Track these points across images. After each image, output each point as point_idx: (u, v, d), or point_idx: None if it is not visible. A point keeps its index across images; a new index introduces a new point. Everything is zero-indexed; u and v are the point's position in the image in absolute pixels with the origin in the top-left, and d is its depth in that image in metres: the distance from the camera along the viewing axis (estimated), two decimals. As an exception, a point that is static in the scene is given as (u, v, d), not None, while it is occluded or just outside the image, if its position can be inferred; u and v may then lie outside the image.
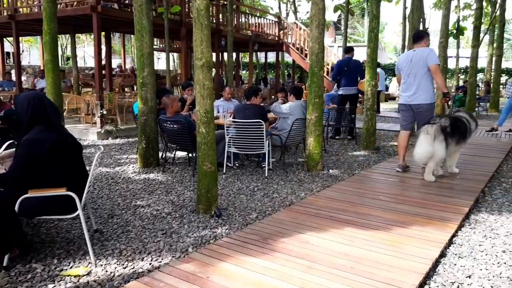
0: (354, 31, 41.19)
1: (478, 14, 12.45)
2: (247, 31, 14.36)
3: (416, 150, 4.88)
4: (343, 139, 8.47)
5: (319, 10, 5.29)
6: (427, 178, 4.94)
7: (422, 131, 4.84)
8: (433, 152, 4.74)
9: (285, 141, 5.76)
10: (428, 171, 4.96)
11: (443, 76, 9.97)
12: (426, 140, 4.75)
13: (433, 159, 4.83)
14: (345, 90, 8.23)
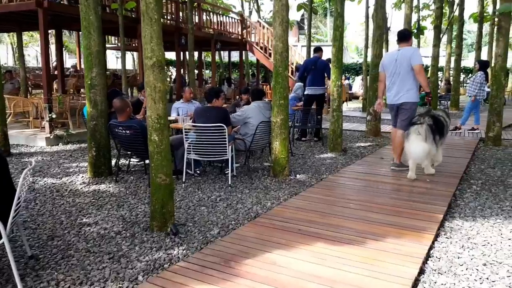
0: (317, 30, 41.48)
1: (438, 13, 12.60)
2: (209, 29, 13.91)
3: (413, 150, 4.88)
4: (310, 140, 8.22)
5: (282, 7, 4.97)
6: (411, 177, 5.04)
7: (413, 132, 4.90)
8: (429, 148, 4.88)
9: (250, 145, 5.41)
10: (427, 168, 5.18)
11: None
12: (419, 140, 4.83)
13: (428, 156, 5.01)
14: (312, 90, 7.98)
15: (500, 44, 7.30)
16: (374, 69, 8.48)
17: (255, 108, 5.58)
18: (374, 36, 8.47)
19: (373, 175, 5.29)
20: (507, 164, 6.04)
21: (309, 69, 7.94)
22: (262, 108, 5.62)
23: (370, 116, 8.61)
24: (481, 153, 6.90)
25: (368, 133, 8.70)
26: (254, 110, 5.54)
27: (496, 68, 7.41)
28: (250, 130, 5.42)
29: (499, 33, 7.30)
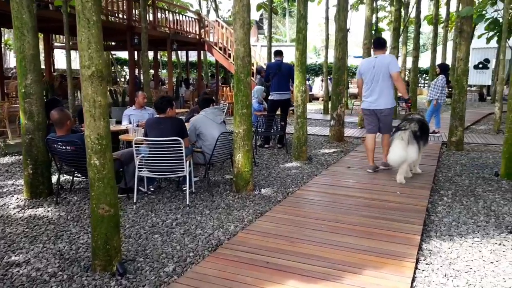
0: (276, 30, 41.39)
1: (397, 15, 12.63)
2: (164, 28, 13.24)
3: (390, 155, 5.08)
4: (273, 147, 7.86)
5: (243, 7, 4.54)
6: (399, 179, 5.13)
7: (397, 137, 5.09)
8: (407, 156, 5.03)
9: (210, 158, 4.95)
10: (400, 172, 5.16)
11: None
12: (400, 145, 5.00)
13: (406, 162, 5.13)
14: (278, 95, 7.59)
15: (462, 48, 7.25)
16: (337, 73, 8.25)
17: (202, 118, 5.14)
18: (337, 38, 8.23)
19: (341, 187, 4.98)
20: (473, 171, 5.95)
21: (274, 73, 7.54)
22: (210, 115, 5.17)
23: (334, 121, 8.37)
24: (445, 159, 6.81)
25: (332, 138, 8.46)
26: (202, 121, 5.10)
27: (458, 72, 7.36)
28: (206, 142, 4.97)
29: (461, 36, 7.25)
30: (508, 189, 5.00)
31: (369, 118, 5.62)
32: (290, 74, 7.57)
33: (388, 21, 22.56)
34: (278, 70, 7.51)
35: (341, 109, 8.32)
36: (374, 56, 5.49)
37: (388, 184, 5.12)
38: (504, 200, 4.60)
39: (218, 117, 5.22)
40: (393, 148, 5.06)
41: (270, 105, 7.74)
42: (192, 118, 5.24)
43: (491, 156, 7.02)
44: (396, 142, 5.06)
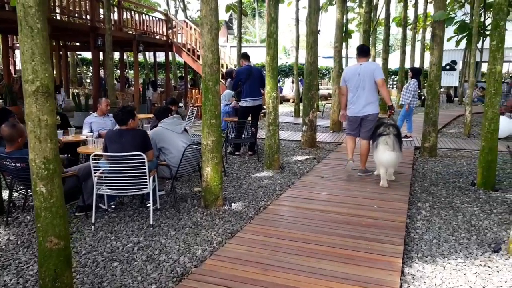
0: (245, 30, 41.14)
1: (367, 18, 12.60)
2: (130, 29, 12.70)
3: (386, 159, 5.21)
4: (244, 154, 7.57)
5: (211, 11, 4.23)
6: (384, 185, 5.27)
7: (381, 142, 5.24)
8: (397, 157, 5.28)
9: (176, 172, 4.60)
10: (384, 178, 5.31)
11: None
12: (388, 149, 5.18)
13: (391, 166, 5.39)
14: (250, 102, 7.30)
15: (435, 53, 7.20)
16: (308, 77, 8.05)
17: (162, 130, 4.76)
18: (308, 42, 8.02)
19: (315, 201, 4.74)
20: (449, 179, 5.86)
21: (244, 79, 7.25)
22: (170, 125, 4.79)
23: (306, 127, 8.17)
24: (420, 166, 6.72)
25: (304, 144, 8.26)
26: (162, 133, 4.73)
27: (431, 77, 7.30)
28: (170, 155, 4.63)
29: (434, 41, 7.19)
30: (486, 200, 4.91)
31: (353, 124, 5.72)
32: (261, 79, 7.33)
33: (357, 22, 22.80)
34: (249, 75, 7.23)
35: (313, 114, 8.13)
36: (359, 64, 5.55)
37: (364, 196, 4.93)
38: (483, 212, 4.49)
39: (178, 127, 4.84)
40: (384, 152, 5.19)
41: (242, 112, 7.45)
42: (151, 131, 4.85)
43: (465, 162, 6.99)
44: (382, 147, 5.22)
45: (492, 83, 5.17)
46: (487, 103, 5.25)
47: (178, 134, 4.75)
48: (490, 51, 5.17)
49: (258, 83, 7.34)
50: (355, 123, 5.68)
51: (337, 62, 10.40)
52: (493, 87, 5.17)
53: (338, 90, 10.68)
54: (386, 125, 5.40)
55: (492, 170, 5.33)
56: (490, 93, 5.20)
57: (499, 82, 5.16)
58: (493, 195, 5.12)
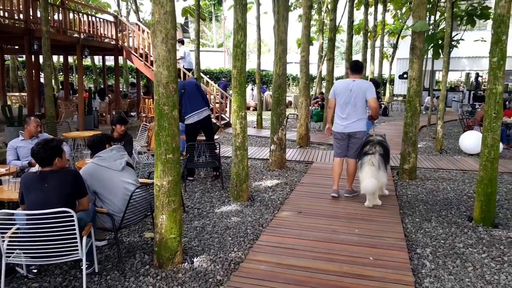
0: (202, 34, 39.94)
1: (332, 26, 11.99)
2: (74, 32, 11.29)
3: (364, 185, 4.98)
4: (206, 179, 6.58)
5: (166, 15, 3.24)
6: (369, 205, 5.14)
7: (367, 163, 5.01)
8: (380, 182, 5.04)
9: (120, 222, 3.55)
10: (372, 198, 5.15)
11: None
12: (372, 172, 4.95)
13: (378, 188, 5.16)
14: (196, 116, 6.30)
15: (415, 66, 6.57)
16: (277, 91, 7.20)
17: (95, 169, 3.65)
18: (276, 52, 7.17)
19: (298, 252, 3.83)
20: (440, 212, 5.17)
21: (180, 96, 6.21)
22: (106, 161, 3.68)
23: (275, 146, 7.30)
24: (403, 193, 6.03)
25: (272, 165, 7.38)
26: (96, 173, 3.62)
27: (411, 93, 6.66)
28: (107, 201, 3.58)
29: (413, 53, 6.56)
30: (490, 242, 4.24)
31: (340, 142, 5.46)
32: (198, 88, 6.47)
33: (316, 29, 22.43)
34: (183, 90, 6.23)
35: (282, 132, 7.28)
36: (352, 80, 5.33)
37: (354, 241, 4.10)
38: (494, 261, 3.79)
39: (117, 162, 3.73)
40: (366, 176, 4.96)
41: (189, 131, 6.43)
42: (82, 169, 3.72)
43: (449, 187, 6.39)
44: (367, 168, 4.99)
45: (493, 105, 4.53)
46: (487, 128, 4.61)
47: (118, 172, 3.66)
48: (490, 69, 4.53)
49: (197, 93, 6.37)
50: (342, 141, 5.43)
51: (304, 73, 9.64)
52: (493, 110, 4.53)
53: (305, 103, 9.98)
54: (373, 143, 5.21)
55: (492, 204, 4.69)
56: (490, 117, 4.56)
57: (500, 104, 4.53)
58: (495, 233, 4.47)
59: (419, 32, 6.44)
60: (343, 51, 47.64)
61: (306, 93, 9.89)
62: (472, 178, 6.97)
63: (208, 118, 6.45)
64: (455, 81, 33.50)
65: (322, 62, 20.36)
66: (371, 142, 5.21)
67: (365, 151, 5.14)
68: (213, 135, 6.64)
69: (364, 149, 5.18)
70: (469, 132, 9.44)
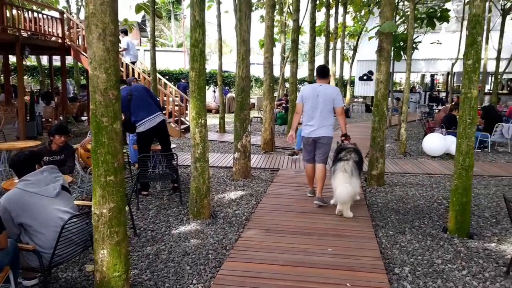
0: (160, 34, 38.83)
1: (295, 26, 11.66)
2: (12, 29, 10.26)
3: (338, 194, 4.77)
4: (163, 192, 5.98)
5: (103, 6, 2.66)
6: (347, 214, 4.90)
7: (340, 169, 4.86)
8: (354, 189, 4.81)
9: (50, 260, 2.92)
10: (346, 208, 4.90)
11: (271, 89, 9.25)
12: (345, 179, 4.77)
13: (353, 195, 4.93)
14: (148, 122, 5.64)
15: (382, 69, 6.28)
16: (240, 95, 6.71)
17: (20, 195, 2.98)
18: (239, 53, 6.69)
19: (266, 282, 3.37)
20: (413, 223, 4.87)
21: (126, 103, 5.56)
22: (36, 186, 3.03)
23: (239, 153, 6.81)
24: (373, 201, 5.71)
25: (236, 174, 6.88)
26: (22, 200, 2.95)
27: (378, 97, 6.38)
28: (38, 235, 2.95)
29: (381, 55, 6.28)
30: (469, 256, 3.95)
31: (309, 147, 5.42)
32: (147, 92, 5.85)
33: (278, 30, 22.17)
34: (130, 96, 5.62)
35: (246, 138, 6.80)
36: (319, 84, 5.33)
37: (328, 263, 3.68)
38: (476, 279, 3.50)
39: (50, 187, 3.10)
40: (340, 184, 4.77)
41: (141, 139, 5.76)
42: (3, 197, 3.04)
43: (417, 193, 6.15)
44: (340, 175, 4.82)
45: (468, 110, 4.26)
46: (461, 134, 4.33)
47: (51, 199, 3.02)
48: (465, 72, 4.26)
49: (147, 97, 5.73)
50: (309, 145, 5.39)
51: (268, 75, 9.21)
52: (468, 115, 4.26)
53: (269, 106, 9.56)
54: (347, 150, 5.07)
55: (467, 214, 4.43)
56: (465, 123, 4.29)
57: (475, 109, 4.27)
58: (472, 245, 4.21)
59: (386, 33, 6.16)
60: (304, 52, 48.01)
61: (271, 96, 9.48)
62: (439, 182, 6.80)
63: (162, 124, 5.82)
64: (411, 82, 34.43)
65: (285, 64, 20.15)
66: (347, 149, 5.08)
67: (339, 157, 5.01)
68: (169, 143, 6.03)
69: (339, 155, 5.06)
70: (431, 134, 9.37)
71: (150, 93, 5.91)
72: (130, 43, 11.83)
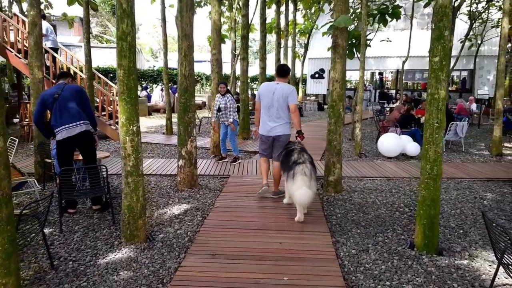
0: (105, 30, 36.76)
1: (244, 22, 11.04)
2: None
3: (299, 197, 4.61)
4: (87, 214, 5.15)
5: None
6: (300, 219, 4.72)
7: (299, 172, 4.69)
8: (313, 192, 4.72)
9: None
10: (300, 210, 4.75)
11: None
12: (305, 182, 4.63)
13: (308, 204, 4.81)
14: (65, 131, 4.80)
15: (337, 67, 5.83)
16: (184, 95, 6.00)
17: None
18: (181, 48, 5.97)
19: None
20: (374, 236, 4.42)
21: (52, 100, 4.81)
22: None
23: (183, 161, 6.09)
24: (331, 211, 5.23)
25: (181, 184, 6.17)
26: None
27: (334, 97, 5.92)
28: None
29: (336, 52, 5.81)
30: (440, 277, 3.52)
31: (265, 144, 5.49)
32: (77, 96, 4.95)
33: (228, 27, 21.49)
34: (57, 95, 4.82)
35: (192, 144, 6.10)
36: (276, 83, 5.34)
37: None
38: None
39: None
40: (300, 190, 4.61)
41: (60, 149, 4.91)
42: None
43: (377, 200, 5.76)
44: (299, 179, 4.65)
45: (435, 112, 3.84)
46: (428, 140, 3.91)
47: None
48: (431, 70, 3.83)
49: (73, 102, 4.88)
50: (266, 143, 5.46)
51: (216, 73, 8.56)
52: (436, 118, 3.85)
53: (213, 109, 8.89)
54: (298, 151, 4.91)
55: (436, 228, 4.01)
56: (432, 127, 3.87)
57: (443, 111, 3.86)
58: (443, 263, 3.80)
59: (341, 28, 5.70)
60: (255, 50, 47.60)
61: (218, 96, 8.82)
62: (398, 187, 6.47)
63: (83, 135, 4.91)
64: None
65: (236, 62, 19.52)
66: (297, 150, 4.93)
67: (294, 160, 4.80)
68: (93, 155, 5.09)
69: (291, 158, 4.85)
70: (387, 134, 9.13)
71: (83, 99, 4.98)
72: (49, 28, 10.71)
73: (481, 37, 19.24)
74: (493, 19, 19.51)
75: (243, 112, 11.28)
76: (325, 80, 23.94)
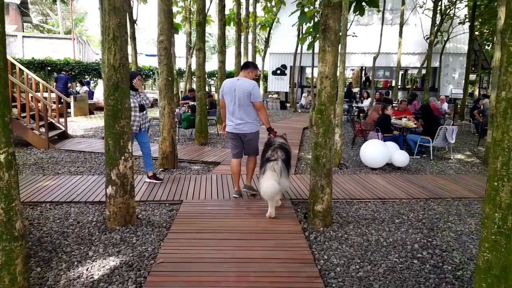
0: (46, 18, 33.49)
1: (201, 6, 9.29)
2: None
3: (264, 190, 4.50)
4: None
5: None
6: (271, 214, 4.64)
7: (269, 168, 4.64)
8: (280, 187, 4.64)
9: None
10: (271, 205, 4.67)
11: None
12: (273, 177, 4.55)
13: (279, 193, 4.79)
14: None
15: (327, 58, 4.28)
16: (114, 94, 4.22)
17: None
18: (107, 28, 4.16)
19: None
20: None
21: None
22: None
23: (113, 188, 4.30)
24: (327, 264, 3.66)
25: (111, 221, 4.38)
26: None
27: (323, 99, 4.38)
28: None
29: (325, 38, 4.26)
30: None
31: (234, 142, 5.32)
32: None
33: (182, 17, 19.57)
34: None
35: (126, 164, 4.33)
36: (237, 78, 5.16)
37: None
38: None
39: None
40: (266, 182, 4.50)
41: None
42: None
43: (381, 237, 4.29)
44: (268, 173, 4.59)
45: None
46: (500, 174, 2.43)
47: None
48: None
49: None
50: (235, 140, 5.31)
51: (165, 65, 6.82)
52: None
53: (168, 108, 7.13)
54: (274, 147, 4.85)
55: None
56: (509, 154, 2.39)
57: None
58: None
59: (334, 4, 4.15)
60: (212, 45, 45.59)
61: (169, 95, 7.08)
62: (400, 213, 5.07)
63: None
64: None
65: (191, 55, 17.66)
66: (273, 146, 4.88)
67: (267, 157, 4.80)
68: None
69: (265, 155, 4.85)
70: (371, 141, 7.76)
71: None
72: None
73: (447, 33, 18.58)
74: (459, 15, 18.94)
75: (200, 114, 9.54)
76: (287, 76, 22.60)
